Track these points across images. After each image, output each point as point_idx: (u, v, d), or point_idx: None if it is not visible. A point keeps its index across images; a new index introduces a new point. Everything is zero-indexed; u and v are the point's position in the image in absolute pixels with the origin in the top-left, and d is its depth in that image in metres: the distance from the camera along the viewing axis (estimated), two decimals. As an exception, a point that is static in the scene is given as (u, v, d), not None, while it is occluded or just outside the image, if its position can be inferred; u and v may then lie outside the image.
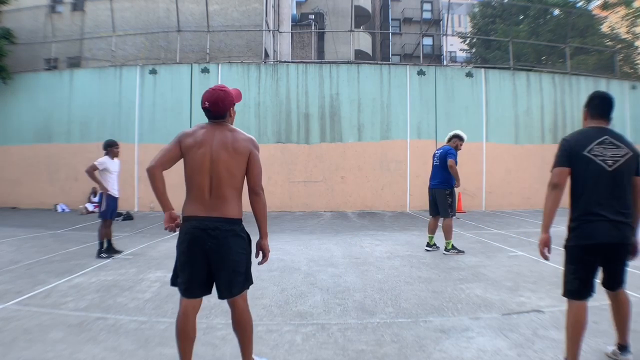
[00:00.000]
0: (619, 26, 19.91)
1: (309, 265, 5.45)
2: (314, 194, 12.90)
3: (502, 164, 13.37)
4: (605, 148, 2.52)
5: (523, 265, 5.45)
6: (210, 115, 2.42)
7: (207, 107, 2.38)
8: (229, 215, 2.30)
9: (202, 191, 2.31)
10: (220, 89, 2.41)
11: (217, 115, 2.40)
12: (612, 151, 2.52)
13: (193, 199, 2.34)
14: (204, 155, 2.31)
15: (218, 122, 2.42)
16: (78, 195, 12.78)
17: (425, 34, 26.91)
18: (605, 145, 2.53)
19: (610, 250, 2.51)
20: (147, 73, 13.16)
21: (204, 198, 2.31)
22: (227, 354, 2.85)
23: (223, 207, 2.30)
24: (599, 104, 2.67)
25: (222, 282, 2.34)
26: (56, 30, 15.65)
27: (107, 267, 5.40)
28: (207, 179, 2.30)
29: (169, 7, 15.05)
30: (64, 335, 3.13)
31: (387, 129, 13.13)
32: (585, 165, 2.50)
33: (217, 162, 2.30)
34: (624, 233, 2.48)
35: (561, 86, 14.20)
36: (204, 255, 2.28)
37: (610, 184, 2.47)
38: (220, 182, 2.30)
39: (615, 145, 2.54)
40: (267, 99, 13.07)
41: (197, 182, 2.32)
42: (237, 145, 2.34)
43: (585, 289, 2.53)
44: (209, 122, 2.45)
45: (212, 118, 2.43)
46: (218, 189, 2.30)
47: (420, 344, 2.98)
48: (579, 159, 2.52)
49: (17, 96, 13.53)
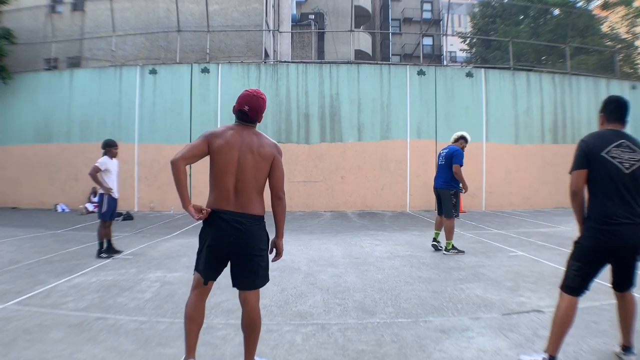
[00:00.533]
0: (619, 26, 19.91)
1: (309, 265, 5.45)
2: (314, 194, 12.91)
3: (502, 164, 13.38)
4: (622, 151, 2.54)
5: (523, 265, 5.45)
6: (246, 119, 2.47)
7: (247, 111, 2.44)
8: (253, 212, 2.41)
9: (227, 191, 2.40)
10: (261, 96, 2.49)
11: (253, 120, 2.49)
12: (629, 154, 2.54)
13: (218, 196, 2.43)
14: (232, 158, 2.39)
15: (247, 126, 2.49)
16: (78, 195, 12.78)
17: (425, 34, 26.91)
18: (622, 148, 2.55)
19: (626, 251, 2.54)
20: (147, 73, 13.16)
21: (229, 197, 2.40)
22: (227, 354, 2.85)
23: (248, 204, 2.40)
24: (615, 107, 2.69)
25: (244, 274, 2.42)
26: (56, 30, 15.65)
27: (107, 267, 5.40)
28: (233, 180, 2.40)
29: (169, 7, 15.05)
30: (64, 335, 3.13)
31: (387, 129, 13.13)
32: (603, 166, 2.52)
33: (244, 166, 2.39)
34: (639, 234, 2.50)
35: (561, 86, 14.20)
36: (227, 246, 2.37)
37: (628, 186, 2.50)
38: (244, 184, 2.40)
39: (631, 150, 2.55)
40: (267, 99, 13.00)
41: (223, 181, 2.41)
42: (262, 150, 2.42)
43: (583, 287, 2.60)
44: (237, 123, 2.50)
45: (247, 122, 2.49)
46: (242, 190, 2.40)
47: (420, 344, 2.98)
48: (596, 160, 2.54)
49: (17, 96, 13.53)
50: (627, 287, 2.65)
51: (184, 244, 7.14)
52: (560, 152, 13.81)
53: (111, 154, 6.12)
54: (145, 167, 12.94)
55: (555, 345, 2.57)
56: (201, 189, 12.78)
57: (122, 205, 12.57)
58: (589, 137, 2.66)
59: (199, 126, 12.88)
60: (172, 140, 12.88)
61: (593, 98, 14.48)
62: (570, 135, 14.15)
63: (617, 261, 2.59)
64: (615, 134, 2.61)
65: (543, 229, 8.84)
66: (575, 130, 14.20)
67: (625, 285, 2.64)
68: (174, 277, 4.88)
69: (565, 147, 14.05)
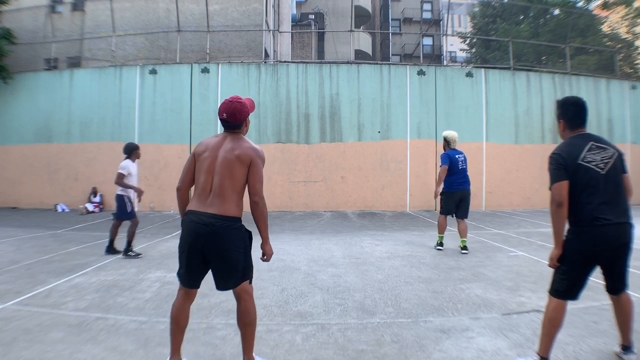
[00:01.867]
0: (619, 26, 19.91)
1: (309, 265, 5.45)
2: (314, 194, 12.91)
3: (502, 164, 13.38)
4: (595, 153, 2.58)
5: (523, 265, 5.45)
6: (227, 126, 2.59)
7: (225, 118, 2.55)
8: (225, 213, 2.41)
9: (205, 189, 2.48)
10: (237, 100, 2.58)
11: (234, 125, 2.58)
12: (601, 155, 2.58)
13: (196, 196, 2.51)
14: (210, 158, 2.50)
15: (232, 132, 2.60)
16: (78, 195, 12.79)
17: (425, 34, 26.91)
18: (593, 150, 2.59)
19: (613, 252, 2.54)
20: (147, 73, 13.16)
21: (206, 196, 2.46)
22: (227, 354, 2.85)
23: (221, 205, 2.42)
24: (576, 112, 2.71)
25: (217, 275, 2.48)
26: (56, 30, 15.65)
27: (107, 267, 5.40)
28: (210, 178, 2.48)
29: (169, 7, 15.06)
30: (64, 335, 3.14)
31: (387, 129, 13.13)
32: (582, 173, 2.53)
33: (221, 165, 2.46)
34: (626, 233, 2.53)
35: (561, 86, 14.20)
36: (199, 247, 2.42)
37: (607, 186, 2.53)
38: (221, 182, 2.44)
39: (601, 149, 2.60)
40: (267, 99, 13.07)
41: (201, 180, 2.50)
42: (240, 152, 2.47)
43: (572, 292, 2.59)
44: (225, 132, 2.63)
45: (229, 128, 2.60)
46: (219, 188, 2.44)
47: (420, 344, 2.98)
48: (574, 168, 2.54)
49: (17, 96, 13.53)
50: (621, 290, 2.65)
51: (184, 244, 7.13)
52: (560, 152, 13.82)
53: (136, 156, 6.30)
54: (145, 167, 12.93)
55: (546, 346, 2.58)
56: (201, 189, 12.79)
57: (122, 205, 12.62)
58: (562, 149, 2.64)
59: (199, 126, 12.89)
60: (172, 140, 12.89)
61: (593, 98, 14.48)
62: (570, 135, 14.16)
63: (605, 263, 2.59)
64: (583, 139, 2.64)
65: (543, 229, 8.84)
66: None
67: (618, 288, 2.65)
68: (174, 277, 4.86)
69: (565, 147, 14.07)
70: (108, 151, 13.03)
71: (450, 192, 6.27)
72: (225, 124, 2.57)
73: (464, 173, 6.33)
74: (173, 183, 13.43)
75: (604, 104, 14.60)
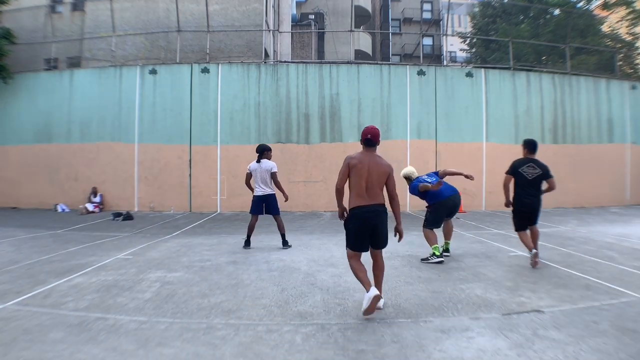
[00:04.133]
0: (619, 26, 19.91)
1: (309, 265, 5.45)
2: (314, 194, 12.90)
3: (502, 164, 13.21)
4: (529, 167, 5.50)
5: (523, 265, 5.45)
6: (369, 144, 3.77)
7: (370, 138, 3.76)
8: (380, 202, 3.70)
9: (362, 189, 3.66)
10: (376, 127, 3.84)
11: (375, 144, 3.78)
12: (532, 170, 5.49)
13: (355, 195, 3.67)
14: (364, 169, 3.66)
15: (372, 149, 3.78)
16: (78, 195, 12.78)
17: (425, 34, 26.91)
18: (529, 167, 5.51)
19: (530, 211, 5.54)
20: (147, 73, 13.16)
21: (363, 194, 3.66)
22: (227, 354, 2.84)
23: (376, 199, 3.68)
24: (530, 146, 5.61)
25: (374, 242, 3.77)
26: (56, 30, 15.65)
27: (107, 267, 5.40)
28: (364, 182, 3.66)
29: (169, 7, 15.06)
30: (64, 335, 3.13)
31: (387, 129, 13.13)
32: (519, 175, 5.53)
33: (371, 174, 3.67)
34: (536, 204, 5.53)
35: (561, 86, 14.20)
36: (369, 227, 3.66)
37: (530, 184, 5.49)
38: (372, 185, 3.67)
39: (534, 168, 5.49)
40: (267, 99, 13.07)
41: (359, 184, 3.65)
42: (382, 167, 3.73)
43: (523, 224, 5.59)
44: (365, 148, 3.78)
45: (370, 145, 3.77)
46: (371, 189, 3.67)
47: (420, 344, 2.98)
48: (517, 172, 5.54)
49: (17, 96, 13.53)
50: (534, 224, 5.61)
51: (184, 244, 7.14)
52: (560, 152, 13.82)
53: (267, 156, 6.75)
54: (145, 167, 12.94)
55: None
56: (201, 189, 12.80)
57: (122, 206, 12.63)
58: (516, 161, 5.60)
59: (199, 126, 12.89)
60: (172, 140, 12.89)
61: (593, 98, 14.49)
62: (570, 135, 14.16)
63: (528, 216, 5.55)
64: (528, 160, 5.55)
65: (543, 229, 8.83)
66: (575, 130, 14.21)
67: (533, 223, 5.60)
68: (174, 277, 4.88)
69: (565, 147, 14.07)
70: (108, 151, 13.04)
71: (442, 200, 5.87)
72: (369, 143, 3.76)
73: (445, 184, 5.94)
74: (173, 183, 13.47)
75: (604, 104, 14.60)
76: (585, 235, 8.06)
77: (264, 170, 6.68)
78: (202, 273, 5.09)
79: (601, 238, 7.59)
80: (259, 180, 6.68)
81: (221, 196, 12.71)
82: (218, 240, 7.50)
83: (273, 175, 6.71)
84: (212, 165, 12.79)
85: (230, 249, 6.70)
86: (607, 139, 14.58)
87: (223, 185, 12.73)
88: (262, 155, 6.73)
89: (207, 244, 7.10)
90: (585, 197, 13.97)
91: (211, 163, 12.79)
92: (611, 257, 5.95)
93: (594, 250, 6.46)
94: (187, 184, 12.72)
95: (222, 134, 12.91)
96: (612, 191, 14.36)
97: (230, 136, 12.92)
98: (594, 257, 5.96)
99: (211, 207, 12.63)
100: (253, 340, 3.07)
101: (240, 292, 4.31)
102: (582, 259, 5.86)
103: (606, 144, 14.54)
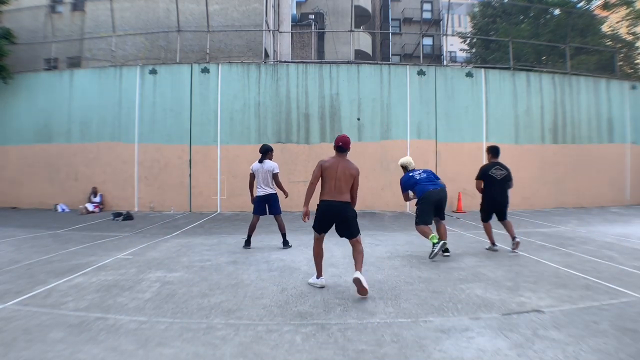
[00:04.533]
0: (620, 26, 19.90)
1: (309, 265, 5.44)
2: (314, 194, 12.87)
3: (502, 164, 13.34)
4: (497, 169, 6.38)
5: (523, 265, 5.45)
6: (341, 150, 4.40)
7: (341, 145, 4.39)
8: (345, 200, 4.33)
9: (330, 188, 4.31)
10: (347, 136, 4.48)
11: (345, 150, 4.43)
12: (500, 172, 6.37)
13: (325, 192, 4.34)
14: (334, 171, 4.31)
15: (343, 154, 4.42)
16: (78, 195, 12.78)
17: (425, 34, 26.91)
18: (496, 169, 6.39)
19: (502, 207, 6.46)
20: (147, 73, 13.16)
21: (332, 191, 4.31)
22: (227, 354, 2.85)
23: (341, 196, 4.31)
24: (494, 151, 6.54)
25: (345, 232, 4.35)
26: (56, 30, 15.66)
27: (107, 267, 5.40)
28: (334, 182, 4.30)
29: (169, 7, 15.06)
30: (64, 335, 3.14)
31: (387, 129, 13.13)
32: (489, 178, 6.39)
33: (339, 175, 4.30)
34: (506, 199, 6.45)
35: (561, 86, 14.19)
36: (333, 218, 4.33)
37: (499, 184, 6.37)
38: (340, 185, 4.30)
39: (500, 170, 6.38)
40: (267, 99, 13.07)
41: (329, 184, 4.32)
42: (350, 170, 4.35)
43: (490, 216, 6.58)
44: (337, 154, 4.42)
45: (342, 152, 4.41)
46: (339, 188, 4.30)
47: (420, 344, 2.98)
48: (486, 175, 6.41)
49: (17, 96, 13.53)
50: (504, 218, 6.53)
51: (184, 244, 7.14)
52: (560, 152, 13.82)
53: (269, 157, 6.83)
54: (145, 167, 12.94)
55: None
56: (201, 189, 12.80)
57: (122, 206, 12.63)
58: (484, 166, 6.48)
59: (199, 126, 12.89)
60: (172, 140, 12.89)
61: (593, 98, 14.48)
62: (570, 135, 14.16)
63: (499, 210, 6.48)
64: (494, 163, 6.45)
65: (543, 229, 8.84)
66: (575, 130, 14.21)
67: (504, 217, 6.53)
68: (174, 277, 4.88)
69: (565, 147, 14.07)
70: (108, 151, 13.03)
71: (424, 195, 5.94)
72: (340, 149, 4.39)
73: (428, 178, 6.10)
74: (173, 183, 13.47)
75: (604, 104, 14.60)
76: (585, 235, 8.06)
77: (265, 171, 6.72)
78: (202, 273, 5.09)
79: (601, 238, 7.59)
80: (261, 181, 6.74)
81: (221, 196, 12.71)
82: (218, 240, 7.50)
83: (275, 176, 6.76)
84: (212, 165, 12.79)
85: (230, 249, 6.70)
86: (607, 139, 14.58)
87: (223, 185, 12.73)
88: (266, 156, 6.78)
89: (207, 244, 7.10)
90: (585, 197, 13.97)
91: (211, 163, 12.79)
92: (611, 257, 5.95)
93: (593, 250, 6.46)
94: (187, 184, 12.72)
95: (222, 134, 12.91)
96: (612, 191, 14.36)
97: (230, 136, 12.92)
98: (594, 257, 5.97)
99: (211, 207, 12.63)
100: (253, 340, 3.07)
101: (240, 292, 4.31)
102: (582, 259, 5.86)
103: (606, 144, 14.53)
